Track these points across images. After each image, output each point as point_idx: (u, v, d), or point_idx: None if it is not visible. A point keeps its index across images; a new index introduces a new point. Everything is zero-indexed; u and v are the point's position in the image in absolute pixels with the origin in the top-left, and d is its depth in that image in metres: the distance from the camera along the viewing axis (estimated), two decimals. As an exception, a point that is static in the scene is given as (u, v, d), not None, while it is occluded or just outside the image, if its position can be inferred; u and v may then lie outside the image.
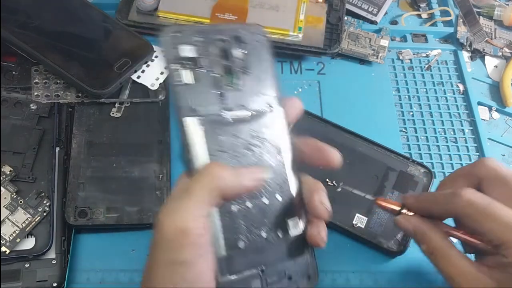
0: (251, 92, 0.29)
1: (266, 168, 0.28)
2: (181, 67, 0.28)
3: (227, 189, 0.26)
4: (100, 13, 0.51)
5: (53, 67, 0.46)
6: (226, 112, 0.28)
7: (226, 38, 0.29)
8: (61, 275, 0.38)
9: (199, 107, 0.28)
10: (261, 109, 0.29)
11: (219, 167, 0.26)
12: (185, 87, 0.27)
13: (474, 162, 0.34)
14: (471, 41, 0.56)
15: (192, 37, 0.28)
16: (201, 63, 0.28)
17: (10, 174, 0.41)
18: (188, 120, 0.27)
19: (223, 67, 0.29)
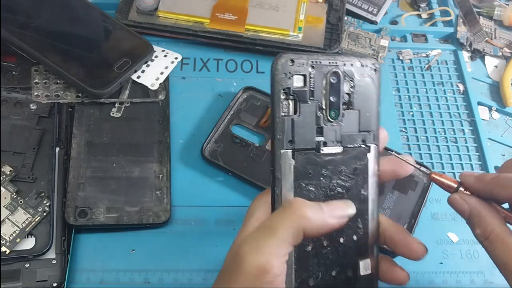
0: (350, 129, 0.29)
1: (350, 204, 0.28)
2: (288, 98, 0.27)
3: (311, 227, 0.26)
4: (100, 13, 0.51)
5: (53, 67, 0.46)
6: (321, 148, 0.28)
7: (337, 70, 0.28)
8: (61, 275, 0.38)
9: (297, 140, 0.27)
10: (355, 146, 0.29)
11: (305, 205, 0.26)
12: (288, 119, 0.27)
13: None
14: (471, 41, 0.56)
15: (305, 66, 0.27)
16: (309, 95, 0.27)
17: (10, 174, 0.41)
18: (283, 153, 0.27)
19: (328, 100, 0.28)
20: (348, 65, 0.28)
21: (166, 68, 0.50)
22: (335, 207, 0.27)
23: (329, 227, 0.26)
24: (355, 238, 0.29)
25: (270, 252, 0.24)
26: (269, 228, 0.25)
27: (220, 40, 0.51)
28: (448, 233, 0.44)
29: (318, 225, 0.26)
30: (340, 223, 0.27)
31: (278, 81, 0.27)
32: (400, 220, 0.42)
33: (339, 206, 0.27)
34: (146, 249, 0.41)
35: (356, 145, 0.29)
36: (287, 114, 0.27)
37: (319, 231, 0.26)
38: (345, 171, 0.29)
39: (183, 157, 0.46)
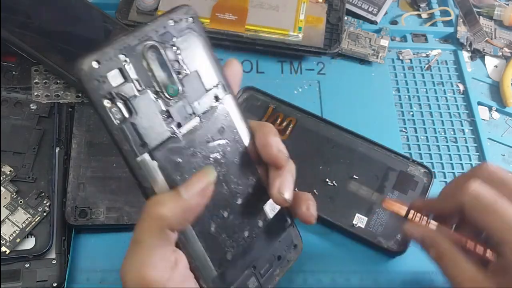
0: (197, 93, 0.26)
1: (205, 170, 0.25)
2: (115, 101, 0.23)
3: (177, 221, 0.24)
4: (100, 13, 0.51)
5: (53, 67, 0.46)
6: (177, 131, 0.25)
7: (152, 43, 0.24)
8: (61, 275, 0.38)
9: (147, 139, 0.24)
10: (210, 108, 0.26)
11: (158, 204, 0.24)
12: (127, 125, 0.23)
13: (474, 167, 0.34)
14: (471, 41, 0.56)
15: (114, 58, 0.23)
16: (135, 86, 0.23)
17: (10, 174, 0.41)
18: (141, 160, 0.24)
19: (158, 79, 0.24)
20: (161, 30, 0.24)
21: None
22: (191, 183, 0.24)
23: (195, 208, 0.24)
24: (250, 190, 0.28)
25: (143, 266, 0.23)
26: (135, 242, 0.24)
27: (220, 40, 0.51)
28: (448, 233, 0.44)
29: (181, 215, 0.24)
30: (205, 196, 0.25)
31: (92, 92, 0.22)
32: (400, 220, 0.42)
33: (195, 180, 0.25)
34: (146, 249, 0.41)
35: (210, 106, 0.26)
36: (123, 119, 0.23)
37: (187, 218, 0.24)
38: (213, 137, 0.26)
39: (183, 157, 0.46)
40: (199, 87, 0.26)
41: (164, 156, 0.24)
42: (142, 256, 0.24)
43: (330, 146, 0.46)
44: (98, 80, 0.22)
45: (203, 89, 0.26)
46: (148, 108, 0.24)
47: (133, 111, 0.23)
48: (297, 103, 0.48)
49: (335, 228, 0.42)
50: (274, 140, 0.28)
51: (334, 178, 0.44)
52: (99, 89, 0.22)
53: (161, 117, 0.24)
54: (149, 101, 0.24)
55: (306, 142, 0.46)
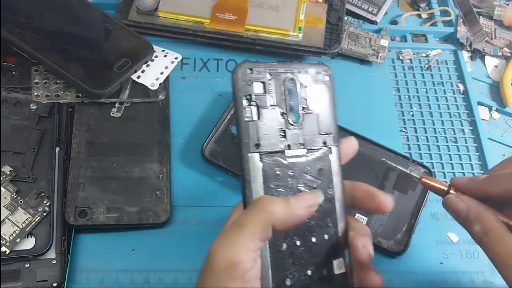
0: (311, 131, 0.30)
1: (317, 193, 0.29)
2: (251, 104, 0.28)
3: (280, 221, 0.26)
4: (100, 13, 0.51)
5: (53, 67, 0.46)
6: (286, 150, 0.29)
7: (293, 76, 0.30)
8: (61, 275, 0.38)
9: (262, 144, 0.28)
10: (318, 148, 0.30)
11: (271, 200, 0.27)
12: (252, 124, 0.28)
13: None
14: (471, 41, 0.56)
15: (263, 73, 0.29)
16: (269, 100, 0.29)
17: (10, 174, 0.41)
18: (251, 156, 0.28)
19: (287, 105, 0.29)
20: (303, 72, 0.30)
21: (166, 68, 0.50)
22: (302, 197, 0.28)
23: (297, 217, 0.27)
24: (326, 237, 0.30)
25: (238, 246, 0.25)
26: (237, 224, 0.26)
27: (220, 40, 0.51)
28: (448, 233, 0.44)
29: (286, 218, 0.26)
30: (308, 212, 0.28)
31: (239, 89, 0.28)
32: (400, 220, 0.42)
33: (306, 196, 0.28)
34: (146, 249, 0.41)
35: (318, 147, 0.30)
36: (251, 119, 0.28)
37: (288, 222, 0.27)
38: (311, 172, 0.30)
39: (183, 157, 0.46)
40: (315, 128, 0.30)
41: (269, 163, 0.29)
42: (242, 238, 0.25)
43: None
44: (246, 82, 0.28)
45: (317, 131, 0.30)
46: (272, 120, 0.29)
47: (261, 116, 0.28)
48: (297, 103, 0.48)
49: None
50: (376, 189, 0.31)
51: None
52: (245, 89, 0.28)
53: (278, 133, 0.29)
54: (274, 116, 0.29)
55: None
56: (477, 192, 0.31)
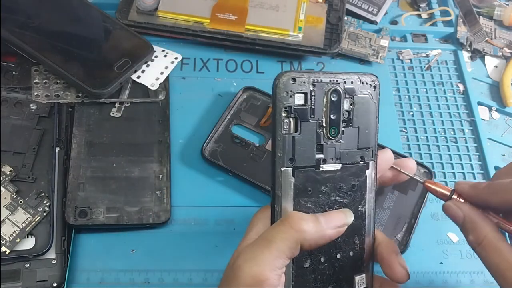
0: (349, 146, 0.29)
1: (347, 213, 0.28)
2: (290, 116, 0.27)
3: (308, 240, 0.26)
4: (100, 13, 0.51)
5: (53, 67, 0.46)
6: (321, 165, 0.28)
7: (338, 87, 0.28)
8: (61, 275, 0.38)
9: (297, 158, 0.27)
10: (354, 163, 0.29)
11: (302, 219, 0.26)
12: (289, 137, 0.27)
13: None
14: (471, 41, 0.56)
15: (307, 84, 0.27)
16: (309, 113, 0.28)
17: (10, 174, 0.41)
18: (284, 171, 0.27)
19: (328, 118, 0.28)
20: (348, 83, 0.28)
21: (166, 68, 0.50)
22: (332, 217, 0.27)
23: (327, 238, 0.27)
24: (351, 254, 0.30)
25: (266, 263, 0.25)
26: (266, 240, 0.26)
27: (220, 40, 0.51)
28: (448, 233, 0.44)
29: (315, 237, 0.26)
30: (338, 232, 0.27)
31: (280, 100, 0.27)
32: (400, 220, 0.42)
33: (336, 216, 0.28)
34: (146, 249, 0.41)
35: (354, 162, 0.29)
36: (288, 132, 0.27)
37: (317, 242, 0.27)
38: (344, 188, 0.29)
39: (183, 157, 0.46)
40: (354, 142, 0.29)
41: (302, 178, 0.28)
42: (270, 255, 0.25)
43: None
44: (288, 92, 0.27)
45: (356, 146, 0.29)
46: (310, 134, 0.28)
47: (299, 130, 0.27)
48: (297, 103, 0.48)
49: (335, 228, 0.42)
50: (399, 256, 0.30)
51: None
52: (285, 100, 0.27)
53: (315, 147, 0.28)
54: (313, 129, 0.28)
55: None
56: (478, 200, 0.31)
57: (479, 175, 0.48)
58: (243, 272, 0.25)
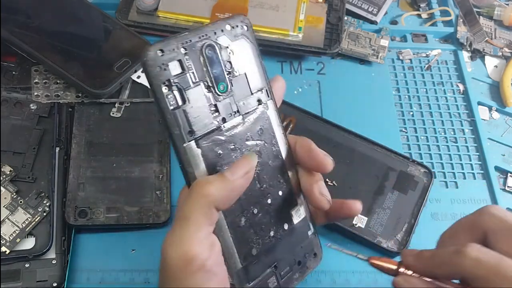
0: (242, 94, 0.28)
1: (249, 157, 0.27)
2: (172, 88, 0.25)
3: (221, 200, 0.26)
4: (100, 13, 0.51)
5: (53, 67, 0.46)
6: (222, 125, 0.27)
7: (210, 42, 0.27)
8: (61, 275, 0.38)
9: (196, 128, 0.26)
10: (254, 109, 0.29)
11: (207, 182, 0.26)
12: (179, 111, 0.25)
13: (477, 211, 0.29)
14: (471, 41, 0.56)
15: (177, 50, 0.25)
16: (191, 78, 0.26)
17: (10, 174, 0.41)
18: (187, 146, 0.26)
19: (212, 76, 0.27)
20: (219, 32, 0.27)
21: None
22: (237, 167, 0.26)
23: (238, 188, 0.26)
24: (280, 193, 0.30)
25: (188, 240, 0.25)
26: (181, 218, 0.25)
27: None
28: (448, 233, 0.44)
29: (226, 193, 0.26)
30: (247, 178, 0.27)
31: (154, 77, 0.25)
32: (400, 220, 0.42)
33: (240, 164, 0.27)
34: (146, 249, 0.41)
35: (253, 108, 0.28)
36: (177, 106, 0.25)
37: (231, 198, 0.26)
38: (252, 136, 0.28)
39: (183, 157, 0.46)
40: (246, 89, 0.28)
41: (208, 145, 0.26)
42: (189, 231, 0.25)
43: (330, 146, 0.46)
44: (160, 67, 0.25)
45: (249, 92, 0.28)
46: (199, 99, 0.26)
47: (186, 100, 0.25)
48: (297, 103, 0.48)
49: (335, 228, 0.42)
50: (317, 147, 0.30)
51: (334, 178, 0.44)
52: (160, 75, 0.25)
53: (209, 110, 0.26)
54: (201, 93, 0.26)
55: (306, 142, 0.46)
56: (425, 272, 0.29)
57: (479, 175, 0.48)
58: (170, 258, 0.25)
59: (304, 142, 0.30)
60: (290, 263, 0.31)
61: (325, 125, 0.47)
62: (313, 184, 0.30)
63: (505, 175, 0.48)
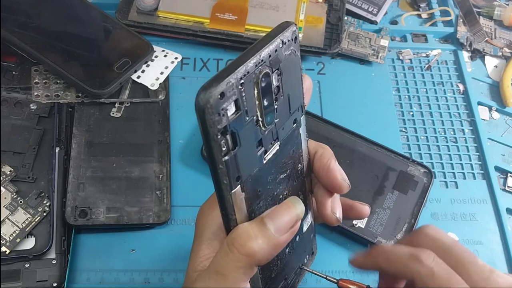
0: (283, 119, 0.24)
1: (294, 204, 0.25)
2: (227, 134, 0.21)
3: (264, 258, 0.24)
4: (100, 13, 0.51)
5: (53, 67, 0.46)
6: (263, 159, 0.23)
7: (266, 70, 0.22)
8: (61, 275, 0.38)
9: (242, 172, 0.22)
10: (291, 131, 0.25)
11: (249, 238, 0.23)
12: (231, 158, 0.21)
13: (414, 231, 0.29)
14: (471, 41, 0.56)
15: (235, 87, 0.20)
16: (245, 116, 0.21)
17: (10, 174, 0.41)
18: (233, 194, 0.22)
19: (262, 108, 0.22)
20: (273, 54, 0.22)
21: (166, 68, 0.50)
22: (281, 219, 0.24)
23: (283, 245, 0.24)
24: None
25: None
26: (218, 274, 0.24)
27: (220, 40, 0.51)
28: (448, 233, 0.44)
29: (270, 252, 0.23)
30: (293, 233, 0.24)
31: (212, 125, 0.20)
32: (400, 220, 0.42)
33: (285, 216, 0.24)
34: (146, 249, 0.41)
35: (290, 130, 0.25)
36: (227, 152, 0.21)
37: (274, 254, 0.24)
38: (285, 162, 0.25)
39: (183, 157, 0.46)
40: (287, 111, 0.24)
41: (251, 187, 0.23)
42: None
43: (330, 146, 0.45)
44: (220, 113, 0.20)
45: (289, 113, 0.24)
46: (248, 138, 0.22)
47: (238, 143, 0.21)
48: (297, 103, 0.48)
49: (335, 228, 0.42)
50: (336, 166, 0.28)
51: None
52: (219, 123, 0.20)
53: (256, 146, 0.23)
54: (251, 132, 0.22)
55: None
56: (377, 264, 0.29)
57: (479, 175, 0.48)
58: None
59: (323, 159, 0.28)
60: (295, 270, 0.31)
61: (325, 125, 0.47)
62: (327, 200, 0.28)
63: (505, 175, 0.48)
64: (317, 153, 0.28)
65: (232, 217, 0.23)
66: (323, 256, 0.42)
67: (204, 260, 0.26)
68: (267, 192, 0.25)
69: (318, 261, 0.41)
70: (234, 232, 0.24)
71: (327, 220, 0.28)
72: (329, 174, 0.27)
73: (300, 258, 0.31)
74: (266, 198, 0.25)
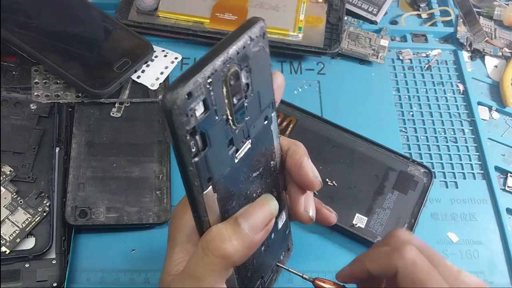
0: (254, 116, 0.23)
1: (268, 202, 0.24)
2: (196, 134, 0.20)
3: (240, 259, 0.23)
4: (100, 13, 0.51)
5: (53, 67, 0.46)
6: (235, 158, 0.23)
7: (235, 67, 0.21)
8: (61, 275, 0.38)
9: (214, 172, 0.22)
10: (261, 128, 0.25)
11: (223, 241, 0.23)
12: (201, 159, 0.21)
13: (386, 235, 0.30)
14: (471, 41, 0.56)
15: (203, 87, 0.19)
16: (214, 116, 0.21)
17: (10, 174, 0.41)
18: (205, 195, 0.22)
19: (232, 107, 0.21)
20: (241, 51, 0.21)
21: (166, 68, 0.50)
22: (255, 218, 0.23)
23: (258, 244, 0.24)
24: None
25: None
26: (193, 278, 0.23)
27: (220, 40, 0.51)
28: (448, 233, 0.44)
29: (245, 253, 0.23)
30: (268, 231, 0.24)
31: (179, 127, 0.19)
32: (400, 220, 0.42)
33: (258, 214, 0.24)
34: (146, 249, 0.41)
35: (260, 127, 0.24)
36: (197, 153, 0.20)
37: (249, 254, 0.24)
38: (258, 160, 0.25)
39: (183, 157, 0.46)
40: (257, 109, 0.24)
41: (223, 187, 0.23)
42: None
43: (330, 146, 0.46)
44: (187, 114, 0.19)
45: (259, 111, 0.24)
46: (219, 138, 0.21)
47: (208, 144, 0.21)
48: (297, 103, 0.48)
49: (335, 228, 0.42)
50: (308, 163, 0.27)
51: (334, 178, 0.44)
52: (187, 124, 0.19)
53: (227, 146, 0.22)
54: (221, 131, 0.21)
55: (306, 142, 0.45)
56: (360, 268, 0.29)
57: (479, 175, 0.48)
58: None
59: (295, 155, 0.27)
60: (271, 267, 0.30)
61: (325, 125, 0.47)
62: (300, 198, 0.28)
63: (505, 175, 0.48)
64: (289, 150, 0.28)
65: (205, 219, 0.23)
66: (323, 256, 0.42)
67: (178, 264, 0.25)
68: (240, 191, 0.24)
69: (318, 260, 0.41)
70: (208, 235, 0.23)
71: (300, 218, 0.28)
72: (301, 171, 0.27)
73: (276, 255, 0.31)
74: (240, 197, 0.24)
